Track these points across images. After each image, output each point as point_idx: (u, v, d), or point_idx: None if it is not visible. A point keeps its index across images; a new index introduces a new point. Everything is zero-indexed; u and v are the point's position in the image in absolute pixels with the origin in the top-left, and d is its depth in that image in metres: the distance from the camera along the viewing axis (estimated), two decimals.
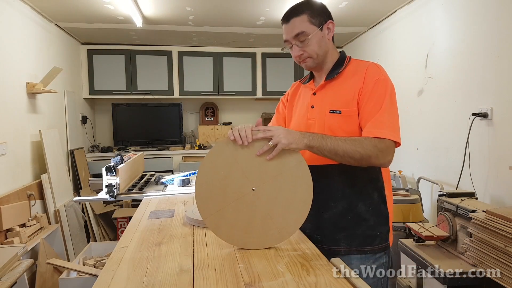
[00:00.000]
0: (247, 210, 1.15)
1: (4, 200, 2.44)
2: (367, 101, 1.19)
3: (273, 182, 1.14)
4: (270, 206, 1.14)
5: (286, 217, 1.13)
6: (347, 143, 1.13)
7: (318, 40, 1.25)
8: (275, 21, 3.60)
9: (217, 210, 1.16)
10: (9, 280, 1.91)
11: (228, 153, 1.15)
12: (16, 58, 2.79)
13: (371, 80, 1.20)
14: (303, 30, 1.23)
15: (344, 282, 0.94)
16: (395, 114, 1.19)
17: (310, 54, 1.26)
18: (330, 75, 1.28)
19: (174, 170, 4.26)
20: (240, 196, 1.15)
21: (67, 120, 3.74)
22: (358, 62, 1.29)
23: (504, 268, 1.55)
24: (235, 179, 1.15)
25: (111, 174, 2.11)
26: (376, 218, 1.24)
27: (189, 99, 4.80)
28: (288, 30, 1.27)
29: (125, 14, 3.29)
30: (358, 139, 1.15)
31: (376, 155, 1.13)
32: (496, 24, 2.14)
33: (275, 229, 1.14)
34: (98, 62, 4.39)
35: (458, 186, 2.38)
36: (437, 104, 2.72)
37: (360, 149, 1.12)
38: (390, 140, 1.14)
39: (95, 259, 2.71)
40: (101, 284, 0.97)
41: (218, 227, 1.17)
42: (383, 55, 3.59)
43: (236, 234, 1.16)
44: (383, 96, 1.18)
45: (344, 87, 1.24)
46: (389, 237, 1.28)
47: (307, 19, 1.24)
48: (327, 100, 1.27)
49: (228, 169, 1.15)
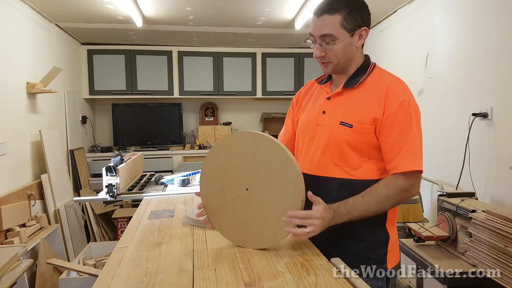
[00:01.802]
0: (243, 210, 1.16)
1: (4, 200, 2.44)
2: (391, 127, 1.10)
3: (264, 182, 1.13)
4: (263, 206, 1.13)
5: (278, 219, 1.09)
6: (371, 203, 1.08)
7: (344, 46, 1.14)
8: (275, 21, 3.60)
9: (218, 209, 1.19)
10: (9, 280, 1.91)
11: (223, 154, 1.17)
12: (16, 58, 2.79)
13: (395, 102, 1.10)
14: (332, 33, 1.11)
15: (344, 282, 0.94)
16: (421, 139, 1.12)
17: (331, 59, 1.16)
18: (350, 83, 1.19)
19: (174, 170, 4.26)
20: (236, 196, 1.16)
21: (67, 120, 3.74)
22: (381, 73, 1.19)
23: (504, 268, 1.55)
24: (231, 179, 1.17)
25: (111, 174, 2.11)
26: (373, 239, 1.18)
27: (189, 99, 4.80)
28: (316, 26, 1.13)
29: (125, 14, 3.29)
30: (380, 191, 1.09)
31: (405, 196, 1.10)
32: (496, 24, 2.14)
33: (270, 230, 1.13)
34: (98, 62, 4.39)
35: (458, 186, 2.38)
36: (437, 104, 2.72)
37: (386, 202, 1.08)
38: (417, 172, 1.10)
39: (95, 259, 2.71)
40: (101, 284, 0.97)
41: (221, 225, 1.21)
42: (383, 55, 3.59)
43: (236, 233, 1.18)
44: (410, 122, 1.09)
45: (361, 101, 1.15)
46: (386, 259, 1.19)
47: (340, 22, 1.11)
48: (340, 109, 1.18)
49: (225, 168, 1.17)
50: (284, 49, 4.70)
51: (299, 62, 4.69)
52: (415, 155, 1.08)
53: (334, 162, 1.18)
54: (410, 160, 1.08)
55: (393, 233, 1.21)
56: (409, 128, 1.10)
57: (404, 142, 1.09)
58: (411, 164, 1.07)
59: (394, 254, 1.21)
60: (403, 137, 1.09)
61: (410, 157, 1.08)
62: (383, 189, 1.09)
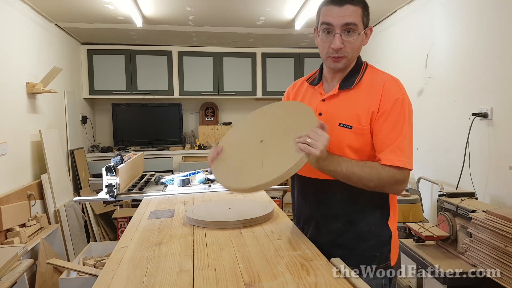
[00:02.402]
0: (245, 156, 1.19)
1: (4, 200, 2.44)
2: (384, 122, 1.10)
3: (282, 135, 1.14)
4: (267, 152, 1.13)
5: (276, 162, 1.07)
6: (363, 170, 1.07)
7: (361, 41, 1.14)
8: (275, 21, 3.60)
9: (224, 160, 1.22)
10: (9, 280, 1.91)
11: (257, 118, 1.30)
12: (16, 58, 2.79)
13: (390, 99, 1.11)
14: (356, 23, 1.09)
15: (344, 282, 0.94)
16: (412, 138, 1.13)
17: (347, 53, 1.12)
18: (346, 84, 1.17)
19: (174, 170, 4.26)
20: (246, 147, 1.20)
21: (67, 120, 3.74)
22: (374, 72, 1.19)
23: (504, 268, 1.55)
24: (250, 136, 1.23)
25: (111, 174, 2.11)
26: (378, 238, 1.18)
27: (189, 99, 4.80)
28: (340, 14, 1.09)
29: (125, 14, 3.29)
30: (375, 167, 1.09)
31: (391, 186, 1.09)
32: (496, 24, 2.14)
33: (261, 168, 1.10)
34: (98, 62, 4.38)
35: (458, 186, 2.38)
36: (437, 104, 2.72)
37: (375, 179, 1.07)
38: (407, 170, 1.09)
39: (95, 259, 2.71)
40: (101, 284, 0.97)
41: (220, 172, 1.20)
42: (383, 55, 3.59)
43: (230, 176, 1.17)
44: (403, 119, 1.10)
45: (358, 101, 1.14)
46: (390, 256, 1.21)
47: (361, 14, 1.11)
48: (337, 110, 1.17)
49: (250, 128, 1.27)
50: (284, 49, 4.70)
51: (299, 62, 4.69)
52: (401, 151, 1.08)
53: None
54: (394, 154, 1.08)
55: (394, 229, 1.22)
56: (401, 125, 1.10)
57: (395, 138, 1.09)
58: (396, 160, 1.07)
59: (395, 250, 1.23)
60: (394, 133, 1.09)
61: (395, 152, 1.08)
62: (379, 168, 1.09)
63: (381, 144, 1.11)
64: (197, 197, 2.01)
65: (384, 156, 1.09)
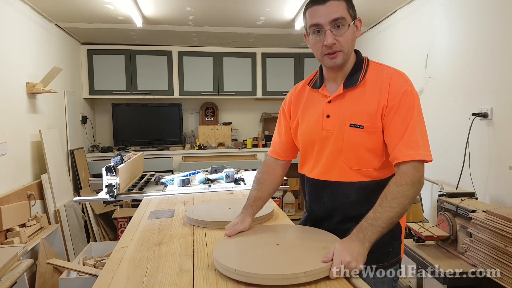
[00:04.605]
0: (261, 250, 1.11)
1: (4, 200, 2.44)
2: (393, 116, 1.09)
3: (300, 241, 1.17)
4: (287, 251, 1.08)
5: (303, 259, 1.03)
6: (392, 205, 1.01)
7: (352, 33, 1.13)
8: (275, 21, 3.60)
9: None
10: (9, 280, 1.90)
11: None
12: (16, 58, 2.79)
13: (398, 92, 1.10)
14: (344, 17, 1.10)
15: (344, 282, 0.94)
16: (424, 128, 1.11)
17: (342, 47, 1.11)
18: (350, 82, 1.16)
19: (174, 170, 4.25)
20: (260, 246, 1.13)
21: (67, 120, 3.74)
22: (378, 67, 1.18)
23: (504, 268, 1.55)
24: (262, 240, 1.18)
25: (111, 174, 2.11)
26: (390, 233, 1.12)
27: (189, 99, 4.80)
28: (325, 12, 1.09)
29: (125, 14, 3.28)
30: (395, 192, 1.03)
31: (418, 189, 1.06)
32: (496, 24, 2.14)
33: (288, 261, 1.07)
34: (98, 62, 4.38)
35: (458, 186, 2.38)
36: (437, 104, 2.72)
37: (406, 200, 1.03)
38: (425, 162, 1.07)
39: (95, 259, 2.71)
40: (101, 284, 0.97)
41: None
42: (383, 55, 3.59)
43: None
44: (412, 111, 1.09)
45: (366, 98, 1.13)
46: (400, 250, 1.23)
47: (346, 7, 1.11)
48: (346, 111, 1.15)
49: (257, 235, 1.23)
50: (284, 49, 4.70)
51: (299, 62, 4.68)
52: (415, 144, 1.07)
53: (350, 166, 1.16)
54: (410, 149, 1.06)
55: (403, 223, 1.23)
56: (410, 117, 1.09)
57: (403, 132, 1.08)
58: (413, 154, 1.06)
59: (402, 243, 1.25)
60: (404, 126, 1.08)
61: (410, 146, 1.07)
62: (396, 188, 1.04)
63: (391, 138, 1.10)
64: (197, 197, 2.01)
65: (400, 153, 1.07)
